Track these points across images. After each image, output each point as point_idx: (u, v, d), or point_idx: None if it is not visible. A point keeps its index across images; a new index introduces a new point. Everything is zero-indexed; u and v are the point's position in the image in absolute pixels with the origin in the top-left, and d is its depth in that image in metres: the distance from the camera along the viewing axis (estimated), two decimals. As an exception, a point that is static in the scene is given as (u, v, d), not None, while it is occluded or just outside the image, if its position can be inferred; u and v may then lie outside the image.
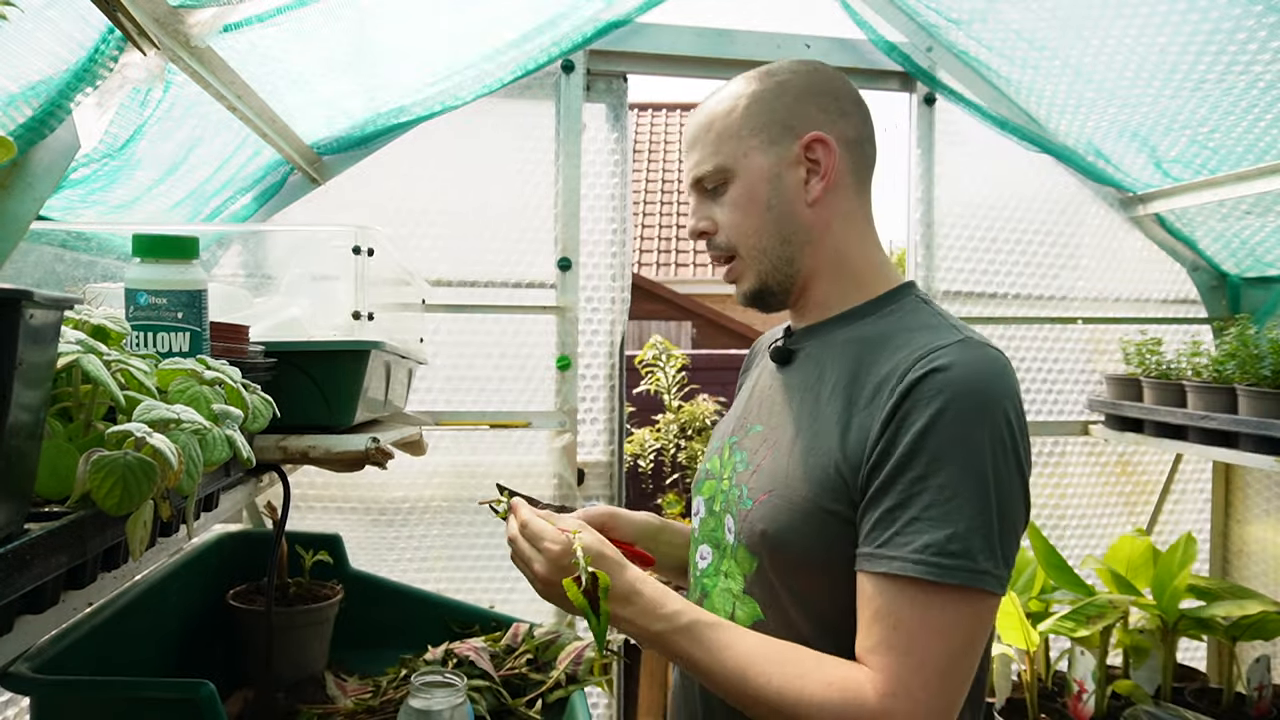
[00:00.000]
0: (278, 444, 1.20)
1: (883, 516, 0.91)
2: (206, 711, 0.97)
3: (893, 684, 0.87)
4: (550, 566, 1.00)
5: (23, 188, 1.18)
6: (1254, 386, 2.11)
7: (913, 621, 0.87)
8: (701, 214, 1.10)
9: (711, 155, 1.07)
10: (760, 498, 1.02)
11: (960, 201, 2.56)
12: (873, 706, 0.87)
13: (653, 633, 0.97)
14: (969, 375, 0.91)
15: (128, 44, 1.21)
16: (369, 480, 2.29)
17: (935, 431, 0.89)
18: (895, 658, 0.87)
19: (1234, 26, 1.74)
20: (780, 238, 1.06)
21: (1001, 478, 0.90)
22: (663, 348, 3.75)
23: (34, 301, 0.55)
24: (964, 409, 0.90)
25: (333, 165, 2.19)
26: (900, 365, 0.95)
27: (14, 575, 0.57)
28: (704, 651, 0.94)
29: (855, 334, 1.05)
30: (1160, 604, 2.27)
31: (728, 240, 1.08)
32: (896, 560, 0.88)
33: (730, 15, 2.38)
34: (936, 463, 0.89)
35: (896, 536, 0.89)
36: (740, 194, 1.06)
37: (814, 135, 1.05)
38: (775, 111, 1.06)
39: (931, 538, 0.87)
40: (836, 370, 1.03)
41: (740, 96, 1.07)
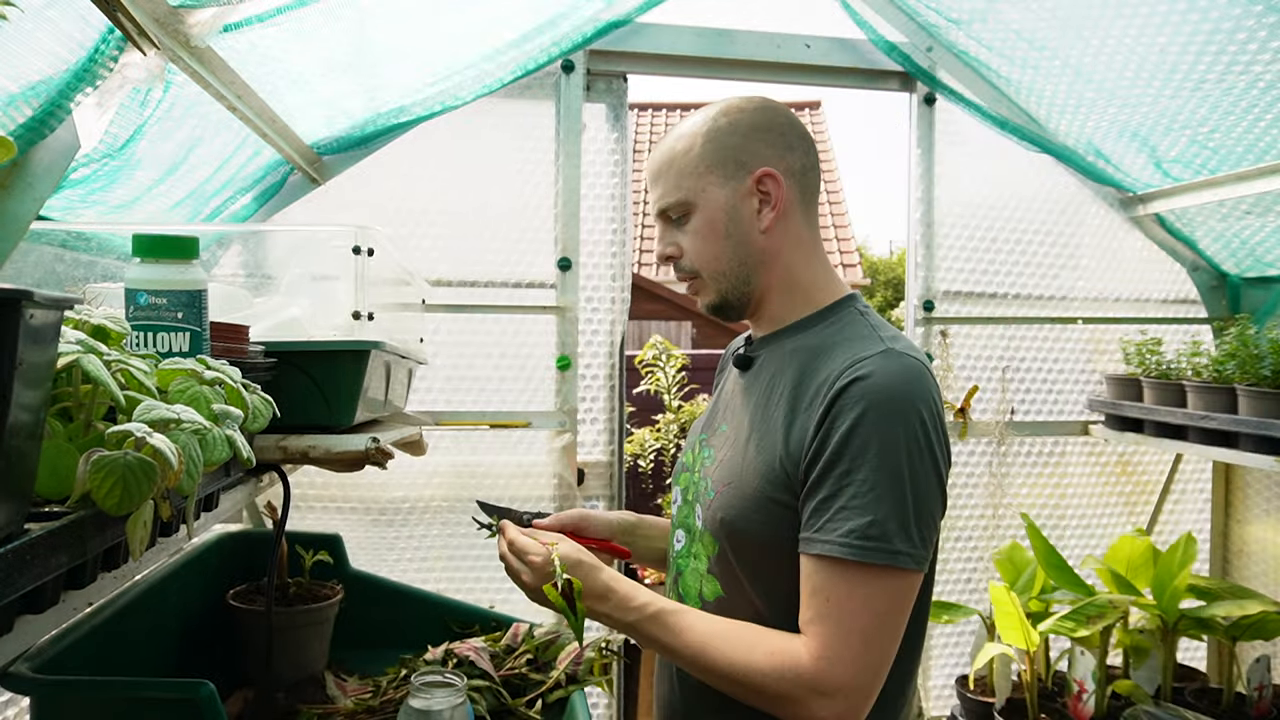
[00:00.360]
0: (278, 444, 1.20)
1: (817, 506, 1.06)
2: (206, 711, 0.97)
3: (824, 649, 1.03)
4: (535, 576, 1.14)
5: (23, 188, 1.18)
6: (1254, 386, 2.11)
7: (840, 595, 1.03)
8: (668, 240, 1.24)
9: (674, 190, 1.20)
10: (720, 489, 1.17)
11: (960, 201, 2.56)
12: (808, 668, 1.02)
13: (627, 623, 1.12)
14: (887, 383, 1.06)
15: (128, 44, 1.21)
16: (369, 480, 2.29)
17: (858, 433, 1.04)
18: (827, 627, 1.03)
19: (1234, 26, 1.74)
20: (738, 261, 1.20)
21: (916, 472, 1.04)
22: (663, 348, 3.75)
23: (34, 301, 0.55)
24: (882, 413, 1.04)
25: (333, 165, 2.19)
26: (832, 373, 1.09)
27: (14, 575, 0.57)
28: (670, 635, 1.10)
29: (800, 343, 1.19)
30: (1160, 604, 2.27)
31: (691, 264, 1.22)
32: (827, 544, 1.03)
33: (730, 15, 2.38)
34: (859, 460, 1.03)
35: (828, 523, 1.04)
36: (701, 224, 1.20)
37: (764, 170, 1.18)
38: (728, 149, 1.19)
39: (855, 524, 1.02)
40: (784, 376, 1.17)
41: (696, 136, 1.20)
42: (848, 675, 1.02)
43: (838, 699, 1.02)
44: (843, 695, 1.02)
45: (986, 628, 2.43)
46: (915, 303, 2.57)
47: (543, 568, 1.13)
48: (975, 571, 2.66)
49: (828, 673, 1.02)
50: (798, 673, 1.03)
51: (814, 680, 1.02)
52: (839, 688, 1.02)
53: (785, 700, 1.04)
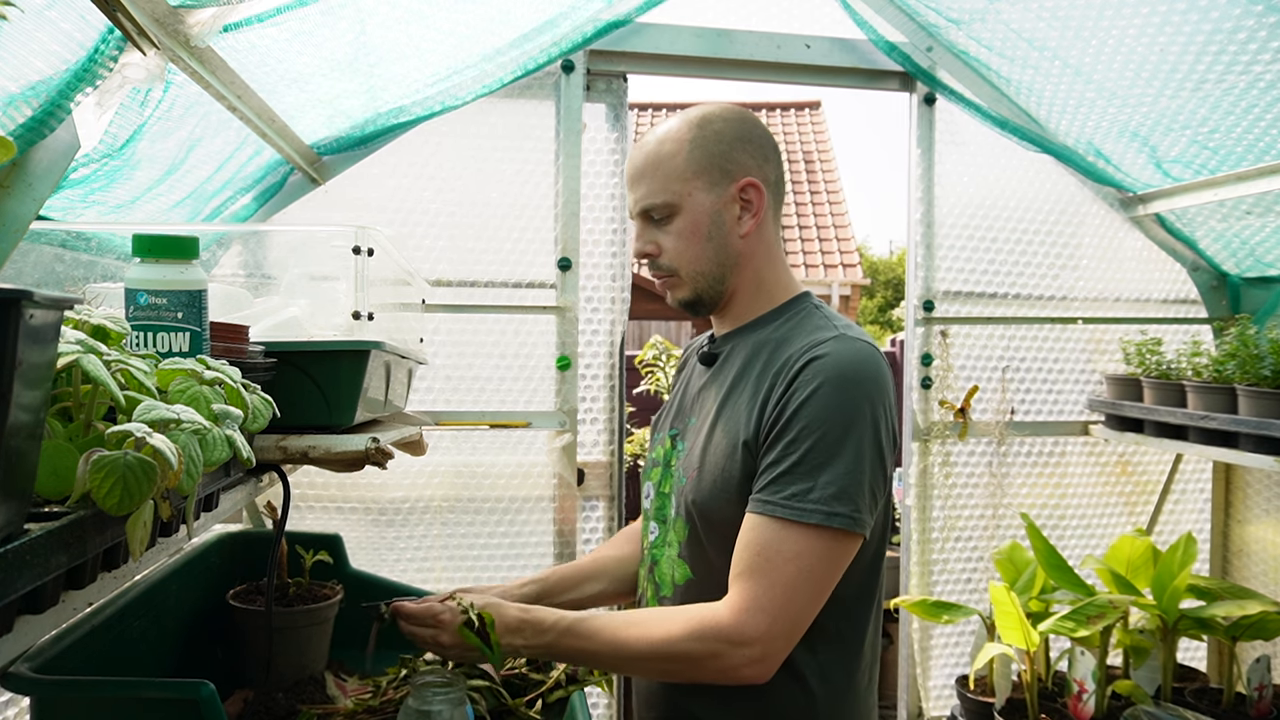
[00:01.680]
0: (278, 444, 1.20)
1: (765, 470, 1.14)
2: (206, 711, 0.97)
3: (745, 601, 1.09)
4: (449, 632, 1.18)
5: (23, 188, 1.18)
6: (1254, 386, 2.11)
7: (771, 550, 1.10)
8: (647, 239, 1.29)
9: (660, 192, 1.25)
10: (691, 475, 1.25)
11: (960, 201, 2.56)
12: (725, 621, 1.09)
13: (544, 644, 1.17)
14: (839, 363, 1.14)
15: (128, 44, 1.21)
16: (369, 480, 2.29)
17: (809, 405, 1.12)
18: (753, 580, 1.10)
19: (1234, 26, 1.74)
20: (716, 263, 1.27)
21: (863, 443, 1.12)
22: (663, 348, 3.75)
23: (34, 301, 0.55)
24: (834, 387, 1.12)
25: (333, 165, 2.19)
26: (791, 357, 1.18)
27: (14, 575, 0.57)
28: (586, 640, 1.15)
29: (762, 337, 1.27)
30: (1160, 604, 2.27)
31: (670, 263, 1.28)
32: (769, 504, 1.11)
33: (730, 15, 2.38)
34: (807, 430, 1.11)
35: (771, 485, 1.12)
36: (684, 226, 1.25)
37: (748, 180, 1.26)
38: (715, 157, 1.25)
39: (798, 488, 1.10)
40: (747, 367, 1.25)
41: (682, 141, 1.25)
42: (765, 624, 1.08)
43: (755, 647, 1.08)
44: (760, 643, 1.08)
45: (986, 628, 2.43)
46: (915, 303, 2.57)
47: (453, 620, 1.18)
48: (975, 571, 2.66)
49: (747, 623, 1.08)
50: (717, 628, 1.09)
51: (732, 631, 1.08)
52: (757, 637, 1.08)
53: (707, 658, 1.09)
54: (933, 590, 2.64)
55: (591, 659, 1.19)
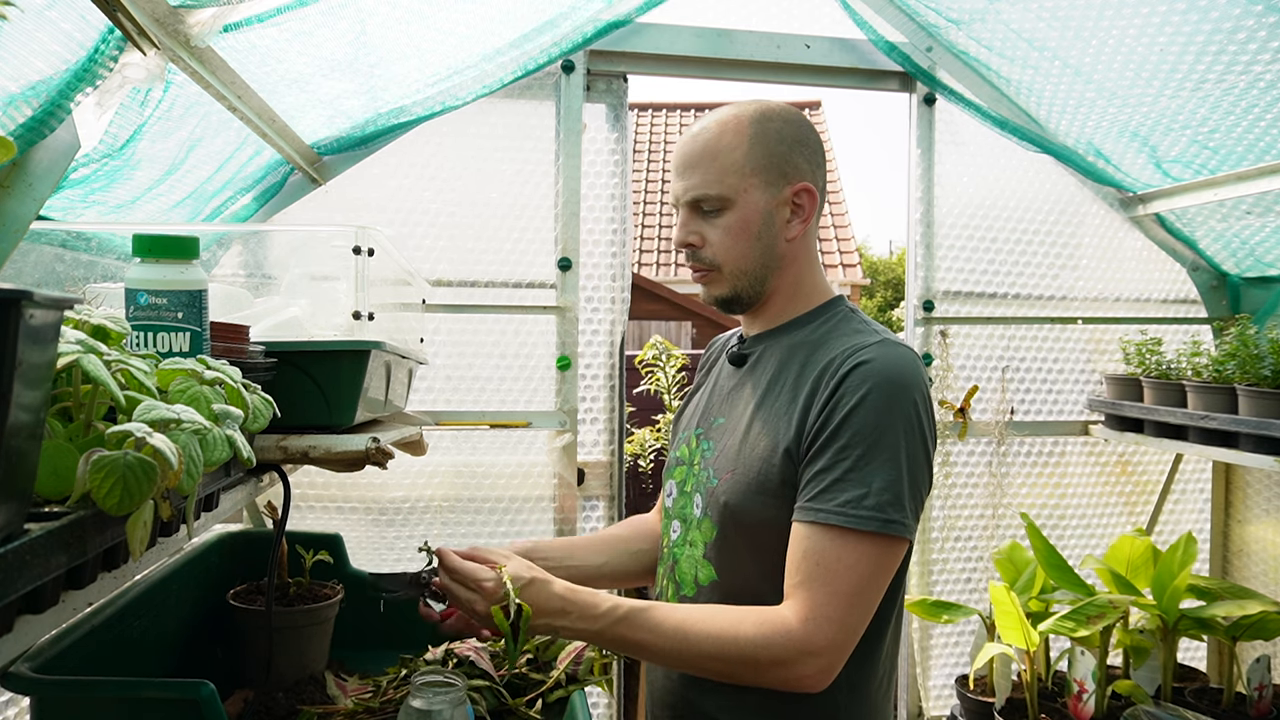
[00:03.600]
0: (278, 444, 1.20)
1: (814, 477, 1.12)
2: (206, 711, 0.97)
3: (812, 610, 1.08)
4: (488, 600, 1.14)
5: (23, 188, 1.18)
6: (1254, 386, 2.11)
7: (830, 559, 1.09)
8: (692, 229, 1.26)
9: (715, 183, 1.22)
10: (724, 476, 1.22)
11: (960, 201, 2.56)
12: (796, 629, 1.07)
13: (594, 631, 1.13)
14: (885, 368, 1.13)
15: (128, 44, 1.21)
16: (369, 480, 2.29)
17: (859, 412, 1.11)
18: (815, 590, 1.08)
19: (1234, 26, 1.74)
20: (760, 263, 1.25)
21: (911, 449, 1.12)
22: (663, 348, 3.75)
23: (34, 301, 0.55)
24: (882, 394, 1.12)
25: (333, 165, 2.19)
26: (835, 360, 1.17)
27: (14, 575, 0.57)
28: (645, 631, 1.12)
29: (798, 339, 1.26)
30: (1160, 604, 2.27)
31: (714, 257, 1.25)
32: (822, 511, 1.10)
33: (730, 15, 2.38)
34: (858, 436, 1.11)
35: (823, 493, 1.10)
36: (735, 222, 1.23)
37: (804, 185, 1.24)
38: (775, 157, 1.23)
39: (851, 495, 1.09)
40: (784, 369, 1.24)
41: (743, 135, 1.22)
42: (831, 634, 1.07)
43: (822, 657, 1.07)
44: (826, 654, 1.07)
45: (986, 628, 2.43)
46: (915, 303, 2.57)
47: (494, 592, 1.14)
48: (975, 571, 2.66)
49: (816, 633, 1.07)
50: (788, 635, 1.07)
51: (803, 640, 1.07)
52: (824, 647, 1.07)
53: (775, 665, 1.07)
54: (932, 590, 2.64)
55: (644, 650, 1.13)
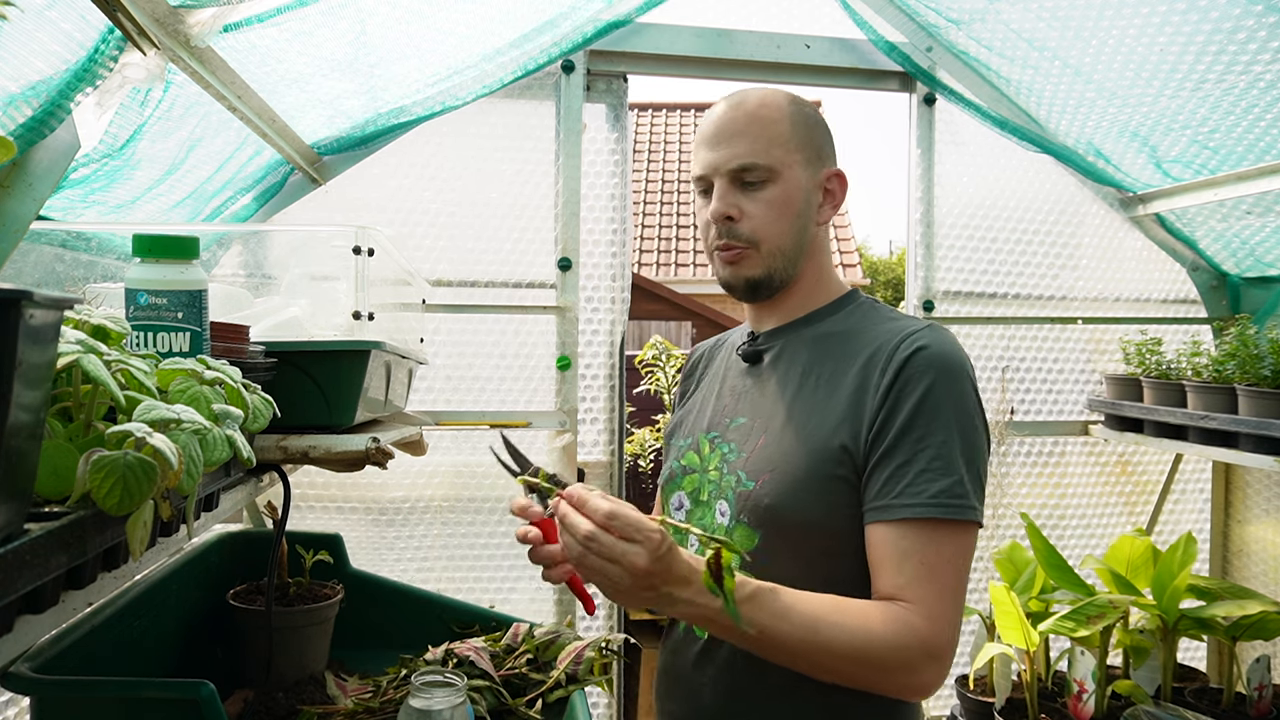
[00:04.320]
0: (278, 444, 1.20)
1: (894, 473, 1.06)
2: (206, 711, 0.97)
3: (930, 610, 1.02)
4: (651, 557, 0.93)
5: (23, 188, 1.18)
6: (1254, 386, 2.11)
7: (937, 556, 1.03)
8: (731, 201, 1.19)
9: (762, 153, 1.18)
10: (762, 478, 1.15)
11: (960, 201, 2.56)
12: (923, 631, 1.01)
13: (719, 607, 0.96)
14: (945, 352, 1.10)
15: (128, 44, 1.21)
16: (369, 480, 2.29)
17: (929, 398, 1.07)
18: (926, 588, 1.02)
19: (1234, 26, 1.74)
20: (796, 244, 1.21)
21: (977, 431, 1.10)
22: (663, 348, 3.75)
23: (34, 301, 0.55)
24: (947, 380, 1.08)
25: (333, 165, 2.19)
26: (883, 347, 1.13)
27: (14, 575, 0.57)
28: (772, 616, 0.99)
29: (823, 330, 1.23)
30: (1160, 604, 2.27)
31: (753, 231, 1.19)
32: (915, 506, 1.04)
33: (730, 15, 2.38)
34: (933, 424, 1.06)
35: (909, 487, 1.05)
36: (779, 196, 1.19)
37: (836, 170, 1.24)
38: (813, 138, 1.21)
39: (942, 485, 1.04)
40: (817, 361, 1.19)
41: (784, 111, 1.20)
42: (950, 635, 1.02)
43: (944, 661, 1.02)
44: (946, 657, 1.02)
45: (986, 628, 2.43)
46: (915, 303, 2.57)
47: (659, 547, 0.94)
48: (975, 571, 2.66)
49: (939, 634, 1.01)
50: (919, 637, 1.00)
51: (929, 644, 1.01)
52: (945, 649, 1.02)
53: (903, 669, 1.00)
54: (933, 590, 2.63)
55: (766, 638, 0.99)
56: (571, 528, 0.96)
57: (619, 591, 0.96)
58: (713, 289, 11.20)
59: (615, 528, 0.94)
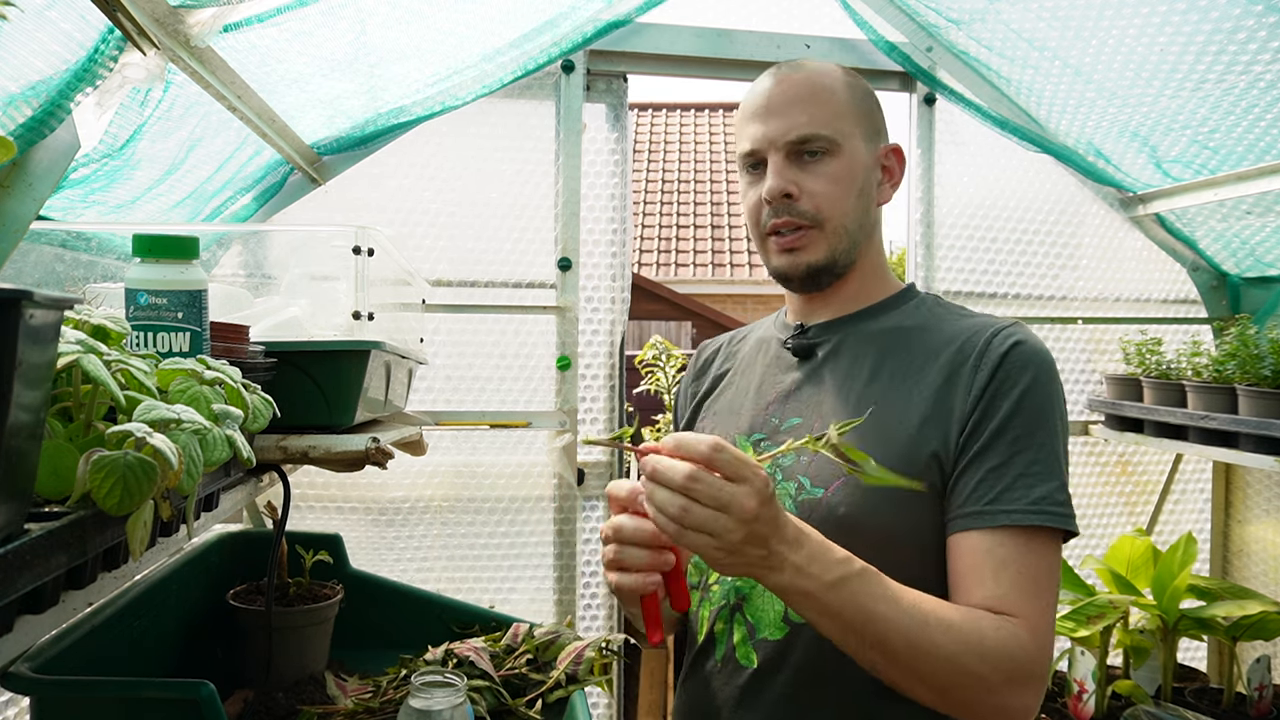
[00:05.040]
0: (278, 444, 1.20)
1: (987, 475, 0.97)
2: (206, 711, 0.97)
3: (1036, 623, 0.93)
4: (760, 498, 0.81)
5: (23, 188, 1.18)
6: (1254, 386, 2.11)
7: (1037, 566, 0.94)
8: (789, 176, 1.09)
9: (824, 124, 1.09)
10: (833, 484, 1.03)
11: (960, 201, 2.56)
12: (1030, 647, 0.92)
13: (828, 580, 0.86)
14: (1040, 349, 1.03)
15: (128, 44, 1.21)
16: (369, 480, 2.29)
17: (1029, 397, 0.99)
18: (1030, 600, 0.93)
19: (1234, 26, 1.74)
20: (858, 224, 1.12)
21: (1065, 434, 1.02)
22: (663, 348, 3.74)
23: (34, 301, 0.55)
24: (1046, 378, 1.01)
25: (333, 165, 2.19)
26: (970, 342, 1.04)
27: (14, 575, 0.57)
28: (881, 599, 0.88)
29: (889, 324, 1.12)
30: (1160, 604, 2.27)
31: (816, 208, 1.09)
32: (1016, 512, 0.95)
33: (730, 15, 2.38)
34: (1034, 424, 0.98)
35: (1006, 492, 0.96)
36: (841, 170, 1.09)
37: (894, 145, 1.16)
38: (869, 112, 1.14)
39: (1044, 490, 0.95)
40: (886, 357, 1.09)
41: (841, 82, 1.12)
42: (1050, 652, 0.94)
43: (1044, 683, 0.94)
44: (1045, 680, 0.94)
45: (986, 628, 2.43)
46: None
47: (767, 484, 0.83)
48: (975, 571, 2.65)
49: (1043, 651, 0.93)
50: (1025, 651, 0.91)
51: (1035, 661, 0.92)
52: (1045, 670, 0.93)
53: (1004, 685, 0.90)
54: (933, 590, 2.63)
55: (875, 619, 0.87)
56: (667, 477, 0.80)
57: (729, 550, 0.82)
58: (713, 289, 11.20)
59: (720, 464, 0.81)
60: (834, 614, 0.87)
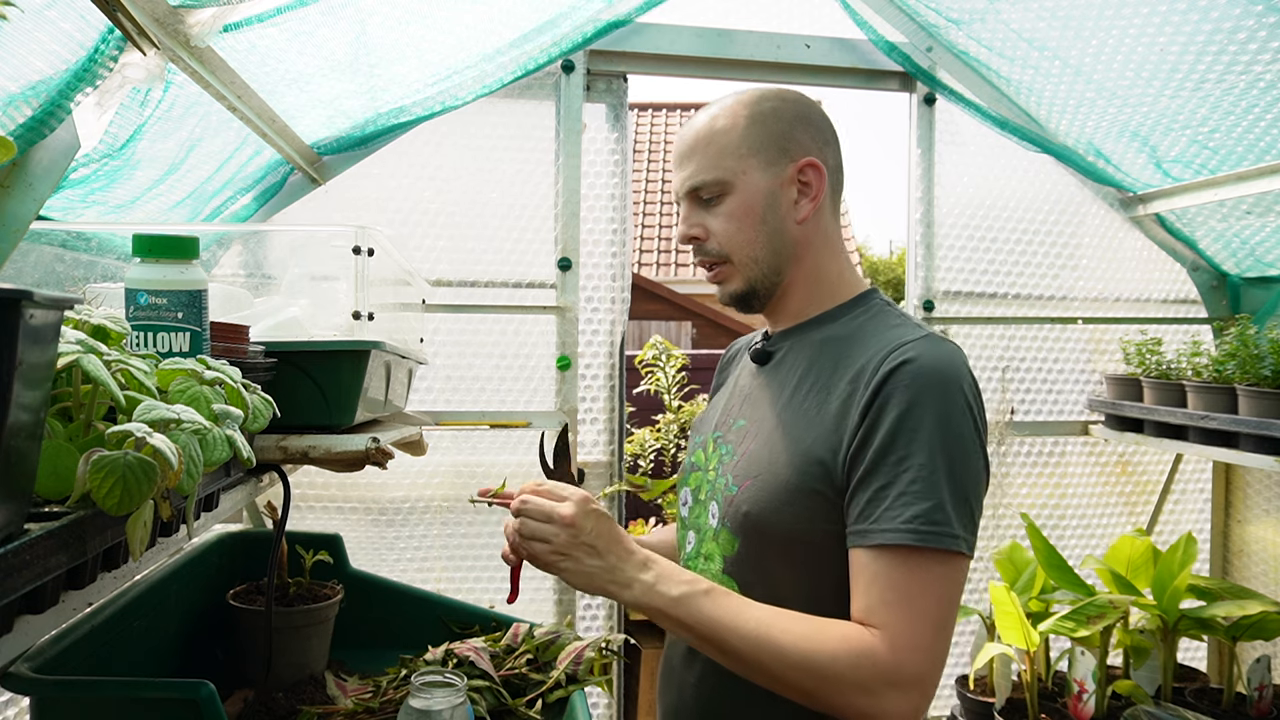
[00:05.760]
0: (278, 444, 1.20)
1: (873, 496, 1.01)
2: (206, 711, 0.97)
3: (899, 638, 0.97)
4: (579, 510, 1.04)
5: (23, 188, 1.18)
6: (1254, 386, 2.11)
7: (905, 583, 0.98)
8: (694, 221, 1.18)
9: (711, 168, 1.15)
10: (745, 484, 1.12)
11: (960, 201, 2.56)
12: (885, 657, 0.96)
13: (672, 597, 1.01)
14: (933, 367, 1.03)
15: (128, 44, 1.21)
16: (369, 480, 2.29)
17: (910, 417, 1.01)
18: (897, 616, 0.97)
19: (1234, 26, 1.74)
20: (771, 250, 1.17)
21: (968, 454, 1.02)
22: (663, 348, 3.74)
23: (34, 301, 0.55)
24: (933, 397, 1.01)
25: (333, 165, 2.19)
26: (873, 359, 1.06)
27: (14, 575, 0.57)
28: (725, 613, 1.00)
29: (827, 334, 1.17)
30: (1160, 604, 2.27)
31: (719, 248, 1.18)
32: (889, 532, 0.99)
33: (730, 15, 2.38)
34: (913, 444, 1.00)
35: (886, 511, 0.99)
36: (737, 207, 1.15)
37: (808, 160, 1.16)
38: (773, 135, 1.16)
39: (918, 509, 0.98)
40: (813, 367, 1.14)
41: (738, 117, 1.16)
42: (923, 666, 0.97)
43: (912, 693, 0.97)
44: (917, 689, 0.97)
45: (986, 628, 2.43)
46: (915, 303, 2.57)
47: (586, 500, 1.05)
48: (975, 571, 2.66)
49: (905, 663, 0.96)
50: (874, 660, 0.96)
51: (891, 670, 0.96)
52: (915, 680, 0.96)
53: (858, 690, 0.96)
54: (933, 590, 2.63)
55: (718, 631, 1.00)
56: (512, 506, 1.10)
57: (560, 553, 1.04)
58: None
59: (543, 491, 1.07)
60: (686, 627, 1.01)
